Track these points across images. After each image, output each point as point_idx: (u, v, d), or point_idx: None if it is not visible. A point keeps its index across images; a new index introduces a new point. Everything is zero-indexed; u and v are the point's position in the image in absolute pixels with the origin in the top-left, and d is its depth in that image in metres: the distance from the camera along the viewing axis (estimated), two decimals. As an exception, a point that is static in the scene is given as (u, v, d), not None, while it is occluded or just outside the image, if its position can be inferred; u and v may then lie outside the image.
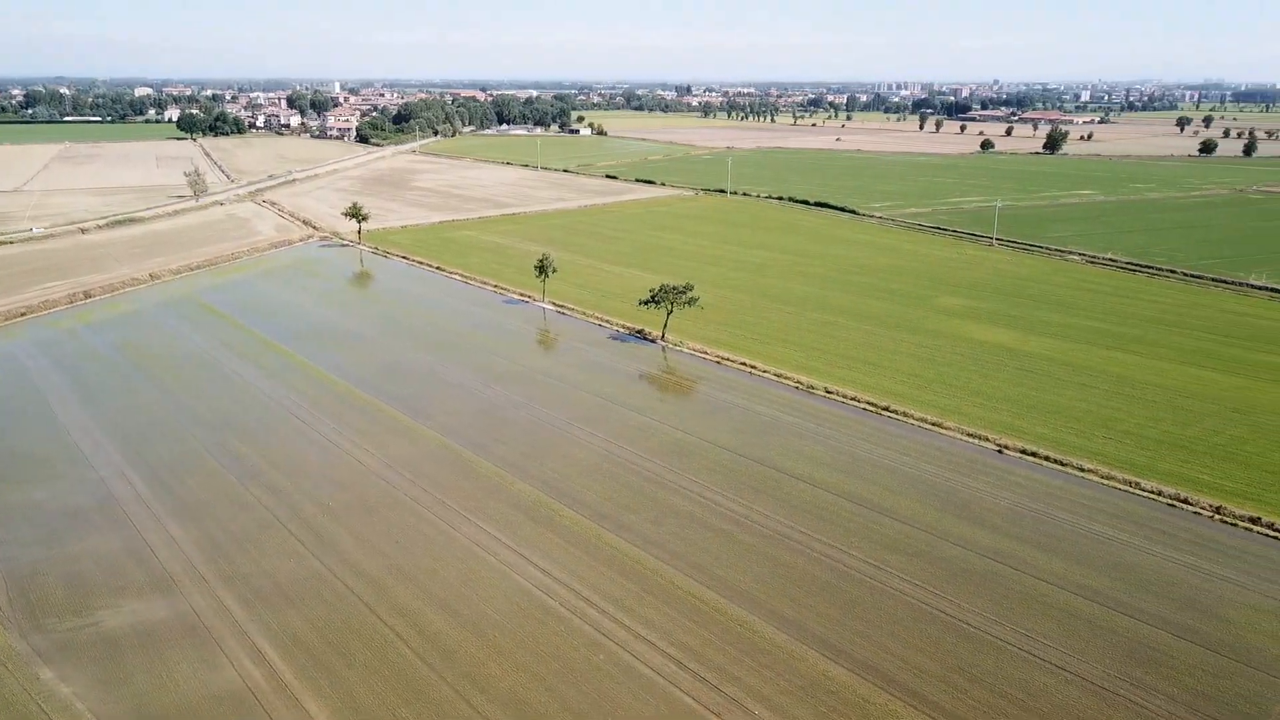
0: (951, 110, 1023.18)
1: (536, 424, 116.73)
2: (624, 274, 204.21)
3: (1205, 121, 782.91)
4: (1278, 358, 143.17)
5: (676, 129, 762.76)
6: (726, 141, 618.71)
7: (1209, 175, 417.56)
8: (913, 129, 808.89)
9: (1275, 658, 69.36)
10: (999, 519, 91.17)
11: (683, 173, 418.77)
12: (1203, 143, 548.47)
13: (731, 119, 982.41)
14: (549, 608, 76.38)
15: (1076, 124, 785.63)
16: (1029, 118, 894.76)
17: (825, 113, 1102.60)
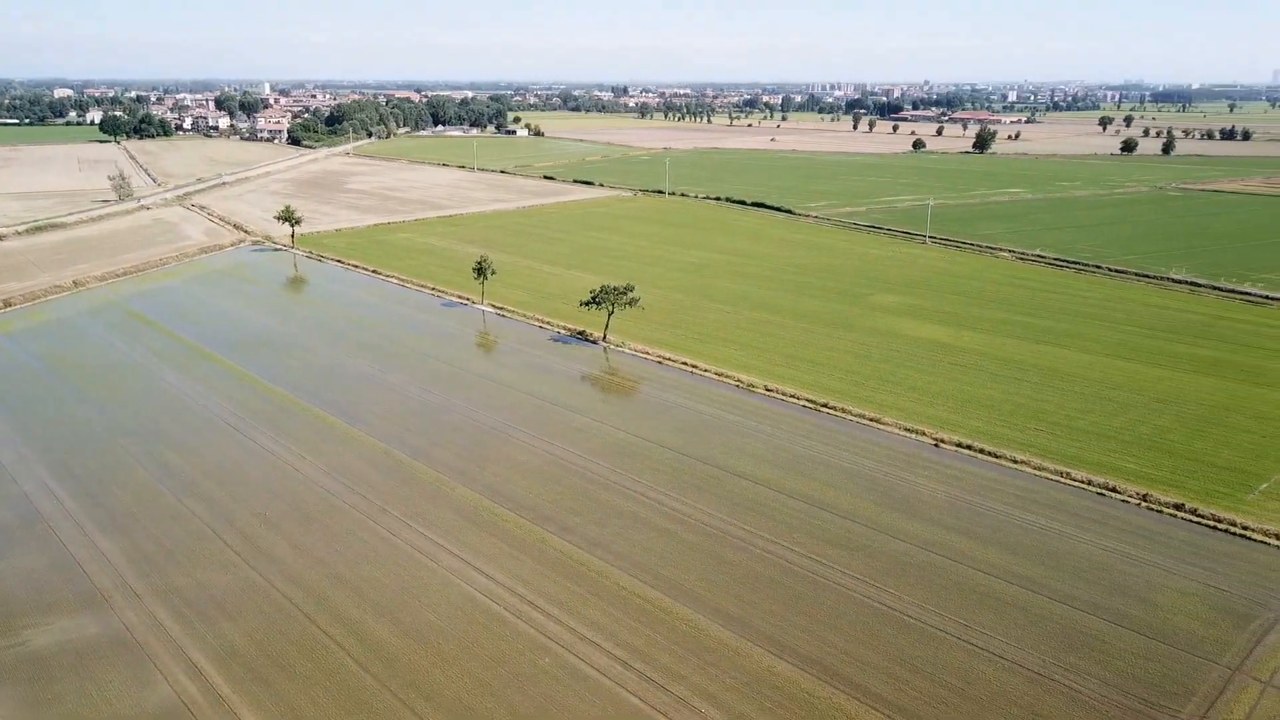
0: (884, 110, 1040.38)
1: (478, 427, 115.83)
2: (564, 275, 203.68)
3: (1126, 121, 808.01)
4: (1198, 349, 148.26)
5: (614, 130, 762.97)
6: (664, 142, 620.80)
7: (1130, 173, 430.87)
8: (846, 129, 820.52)
9: (1200, 639, 71.79)
10: (936, 511, 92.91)
11: (621, 173, 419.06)
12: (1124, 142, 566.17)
13: (668, 120, 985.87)
14: (493, 612, 75.84)
15: (1004, 124, 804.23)
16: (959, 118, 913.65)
17: (761, 113, 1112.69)
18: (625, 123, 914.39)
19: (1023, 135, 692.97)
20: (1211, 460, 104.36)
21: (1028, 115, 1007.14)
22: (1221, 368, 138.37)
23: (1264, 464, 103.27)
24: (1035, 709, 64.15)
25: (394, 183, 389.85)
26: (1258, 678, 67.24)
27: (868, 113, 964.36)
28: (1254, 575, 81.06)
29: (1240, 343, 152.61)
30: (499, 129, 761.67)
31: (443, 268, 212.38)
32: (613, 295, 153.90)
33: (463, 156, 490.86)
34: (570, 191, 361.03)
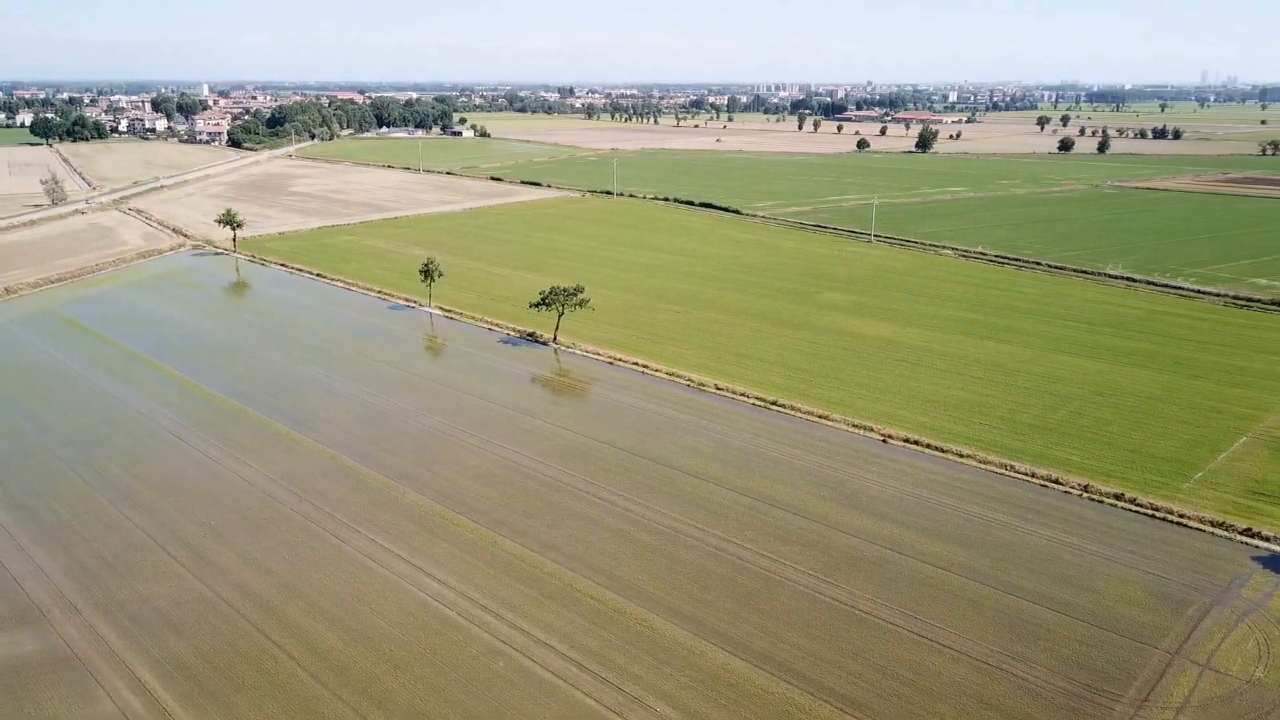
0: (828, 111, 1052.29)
1: (427, 432, 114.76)
2: (513, 277, 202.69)
3: (1063, 121, 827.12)
4: (1135, 343, 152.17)
5: (561, 130, 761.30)
6: (611, 143, 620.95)
7: (1068, 171, 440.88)
8: (792, 129, 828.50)
9: (1141, 625, 73.68)
10: (885, 506, 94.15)
11: (568, 174, 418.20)
12: (1061, 141, 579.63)
13: (615, 120, 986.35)
14: (446, 618, 75.20)
15: (946, 123, 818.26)
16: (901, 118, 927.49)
17: (707, 114, 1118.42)
18: (572, 123, 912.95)
19: (963, 135, 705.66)
20: (1149, 451, 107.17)
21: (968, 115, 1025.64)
22: (1157, 360, 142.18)
23: (1198, 453, 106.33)
24: (983, 698, 65.32)
25: (338, 185, 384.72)
26: (1196, 661, 69.19)
27: (812, 113, 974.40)
28: (1190, 562, 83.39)
29: (1174, 336, 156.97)
30: (444, 130, 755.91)
31: (389, 270, 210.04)
32: (562, 296, 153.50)
33: (408, 158, 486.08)
34: (518, 193, 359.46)
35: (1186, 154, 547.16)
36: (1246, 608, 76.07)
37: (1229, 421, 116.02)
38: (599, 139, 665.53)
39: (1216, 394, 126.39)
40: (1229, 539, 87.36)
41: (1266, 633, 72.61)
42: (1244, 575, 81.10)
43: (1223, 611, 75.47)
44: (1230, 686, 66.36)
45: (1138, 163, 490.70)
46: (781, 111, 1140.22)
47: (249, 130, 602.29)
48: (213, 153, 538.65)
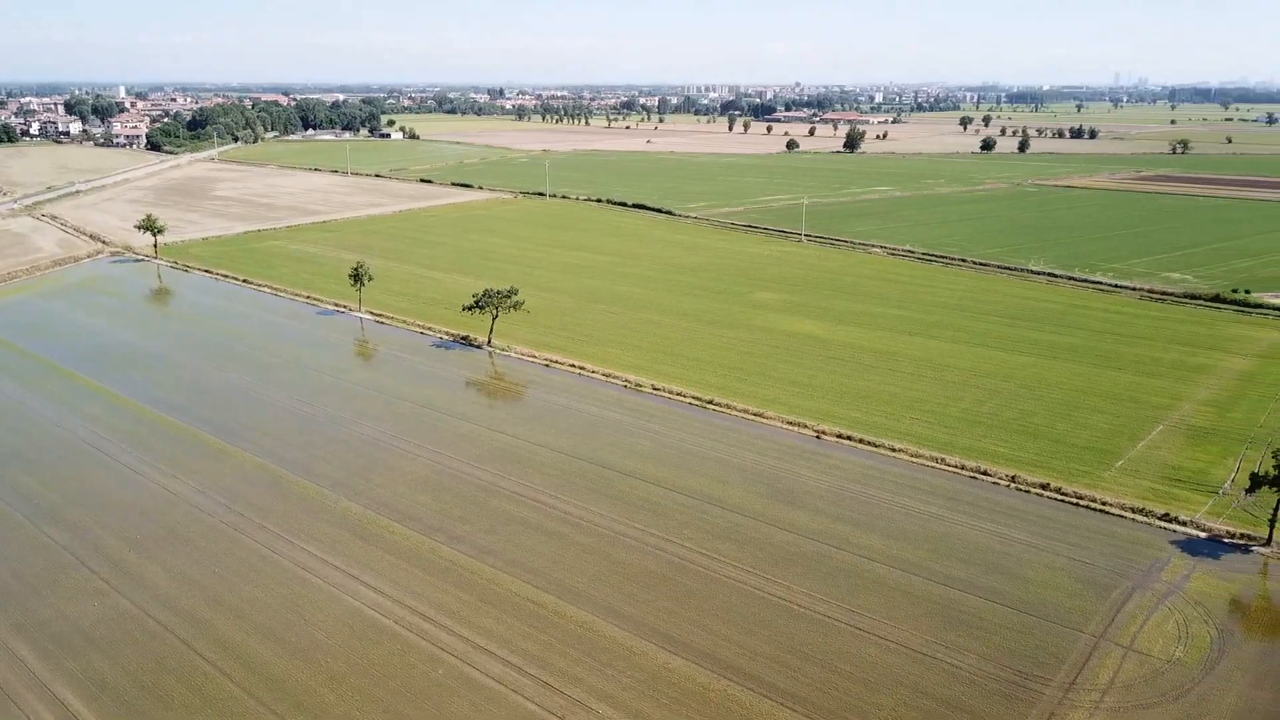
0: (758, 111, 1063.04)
1: (360, 439, 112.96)
2: (445, 279, 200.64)
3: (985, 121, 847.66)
4: (1057, 336, 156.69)
5: (492, 132, 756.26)
6: (543, 144, 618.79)
7: (990, 171, 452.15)
8: (722, 130, 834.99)
9: (1068, 610, 75.86)
10: (821, 501, 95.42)
11: (500, 176, 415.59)
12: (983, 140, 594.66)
13: (546, 122, 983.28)
14: (383, 626, 74.09)
15: (872, 124, 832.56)
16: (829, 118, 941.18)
17: (638, 115, 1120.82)
18: (503, 125, 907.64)
19: (890, 135, 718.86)
20: (1073, 441, 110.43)
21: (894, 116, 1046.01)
22: (1078, 353, 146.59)
23: (1119, 442, 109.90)
24: (919, 687, 66.59)
25: (263, 189, 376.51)
26: (1119, 643, 71.48)
27: (742, 114, 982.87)
28: (1113, 547, 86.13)
29: (1094, 329, 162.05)
30: (373, 132, 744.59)
31: (317, 275, 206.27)
32: (496, 299, 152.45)
33: (335, 161, 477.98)
34: (449, 195, 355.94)
35: (1102, 153, 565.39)
36: (1166, 590, 78.84)
37: (1146, 411, 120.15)
38: (530, 140, 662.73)
39: (1134, 385, 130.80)
40: (1148, 524, 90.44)
41: (1185, 614, 75.36)
42: (1163, 559, 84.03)
43: (1144, 595, 78.11)
44: (1152, 667, 68.70)
45: (1056, 161, 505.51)
46: (712, 112, 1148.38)
47: (169, 133, 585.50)
48: (131, 156, 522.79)
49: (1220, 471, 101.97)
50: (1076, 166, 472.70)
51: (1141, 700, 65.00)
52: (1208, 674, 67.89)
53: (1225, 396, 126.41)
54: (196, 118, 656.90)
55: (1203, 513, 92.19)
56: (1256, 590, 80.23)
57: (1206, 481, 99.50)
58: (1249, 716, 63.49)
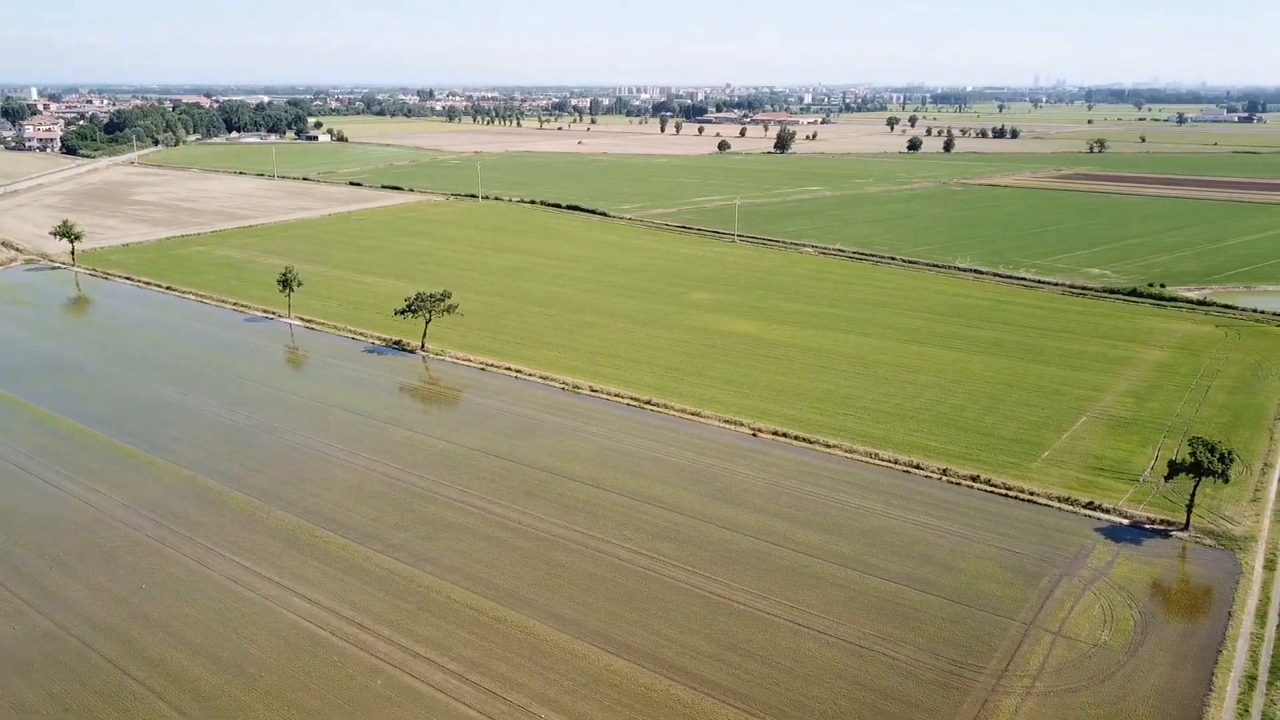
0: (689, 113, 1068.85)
1: (292, 448, 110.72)
2: (377, 284, 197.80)
3: (911, 121, 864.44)
4: (984, 331, 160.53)
5: (422, 134, 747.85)
6: (474, 146, 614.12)
7: (917, 170, 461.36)
8: (654, 131, 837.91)
9: (999, 599, 77.74)
10: (758, 499, 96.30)
11: (432, 178, 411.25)
12: (910, 140, 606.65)
13: (478, 123, 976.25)
14: (319, 638, 72.72)
15: (802, 124, 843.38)
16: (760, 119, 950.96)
17: (570, 116, 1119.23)
18: (433, 126, 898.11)
19: (819, 135, 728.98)
20: (1000, 433, 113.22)
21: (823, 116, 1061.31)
22: (1004, 347, 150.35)
23: (1044, 434, 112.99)
24: (858, 679, 67.61)
25: (186, 193, 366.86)
26: (1049, 630, 73.49)
27: (674, 115, 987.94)
28: (1041, 536, 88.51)
29: (1018, 324, 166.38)
30: (299, 135, 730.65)
31: (244, 281, 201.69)
32: (429, 302, 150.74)
33: (261, 164, 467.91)
34: (379, 197, 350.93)
35: (1024, 152, 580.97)
36: (1091, 576, 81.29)
37: (1070, 402, 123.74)
38: (461, 142, 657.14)
39: (1058, 377, 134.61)
40: (1074, 513, 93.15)
41: (1110, 599, 77.79)
42: (1088, 546, 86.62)
43: (1071, 581, 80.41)
44: (1080, 651, 70.77)
45: (980, 161, 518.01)
46: (644, 114, 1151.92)
47: (85, 136, 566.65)
48: (45, 160, 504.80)
49: (1140, 460, 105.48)
50: (1000, 165, 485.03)
51: (1070, 684, 66.91)
52: (1132, 656, 70.18)
53: (1144, 387, 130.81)
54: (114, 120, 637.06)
55: (1125, 500, 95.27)
56: (1176, 573, 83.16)
57: (1128, 470, 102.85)
58: (1171, 696, 65.79)
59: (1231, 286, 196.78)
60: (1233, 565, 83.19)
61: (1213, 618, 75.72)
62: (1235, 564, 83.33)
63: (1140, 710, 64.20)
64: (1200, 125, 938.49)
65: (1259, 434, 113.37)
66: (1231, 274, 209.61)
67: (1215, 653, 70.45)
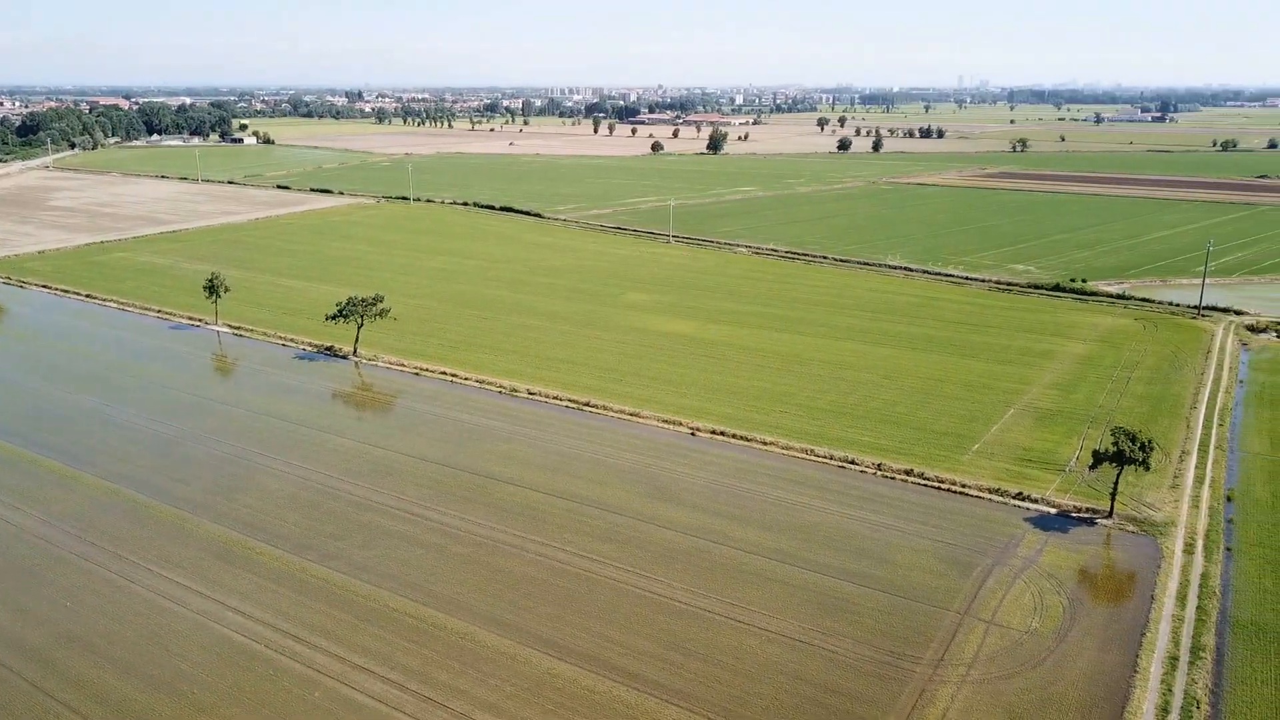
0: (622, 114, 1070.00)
1: (221, 458, 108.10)
2: (307, 289, 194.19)
3: (840, 122, 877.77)
4: (915, 328, 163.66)
5: (351, 136, 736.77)
6: (405, 147, 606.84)
7: (847, 170, 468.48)
8: (587, 132, 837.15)
9: (934, 589, 79.32)
10: (697, 497, 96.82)
11: (362, 180, 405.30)
12: (840, 141, 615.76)
13: (408, 125, 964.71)
14: (254, 652, 71.11)
15: (734, 125, 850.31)
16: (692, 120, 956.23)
17: (502, 117, 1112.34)
18: (363, 128, 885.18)
19: (751, 136, 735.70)
20: (932, 427, 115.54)
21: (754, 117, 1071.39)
22: (935, 343, 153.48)
23: (974, 427, 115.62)
24: (799, 674, 68.40)
25: (106, 198, 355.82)
26: (982, 618, 75.23)
27: (607, 116, 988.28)
28: (973, 528, 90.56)
29: (948, 320, 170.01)
30: (224, 137, 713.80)
31: (169, 288, 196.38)
32: (361, 307, 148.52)
33: (185, 167, 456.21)
34: (308, 201, 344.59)
35: (950, 151, 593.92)
36: (1022, 565, 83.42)
37: (998, 396, 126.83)
38: (392, 143, 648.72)
39: (987, 372, 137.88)
40: (1004, 503, 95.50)
41: (1039, 586, 79.92)
42: (1018, 536, 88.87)
43: (1002, 571, 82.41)
44: (1012, 638, 72.57)
45: (908, 160, 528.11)
46: (576, 115, 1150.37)
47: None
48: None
49: (1066, 450, 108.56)
50: (927, 165, 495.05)
51: (1003, 671, 68.57)
52: (1061, 641, 72.19)
53: (1068, 379, 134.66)
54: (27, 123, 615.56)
55: (1052, 490, 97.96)
56: (1101, 560, 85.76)
57: (1054, 460, 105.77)
58: (1098, 678, 67.83)
59: (1148, 280, 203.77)
60: (1154, 550, 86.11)
61: (1136, 601, 78.28)
62: (1157, 549, 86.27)
63: (1069, 694, 66.08)
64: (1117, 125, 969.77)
65: (1176, 422, 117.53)
66: (1148, 268, 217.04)
67: (1139, 635, 72.84)
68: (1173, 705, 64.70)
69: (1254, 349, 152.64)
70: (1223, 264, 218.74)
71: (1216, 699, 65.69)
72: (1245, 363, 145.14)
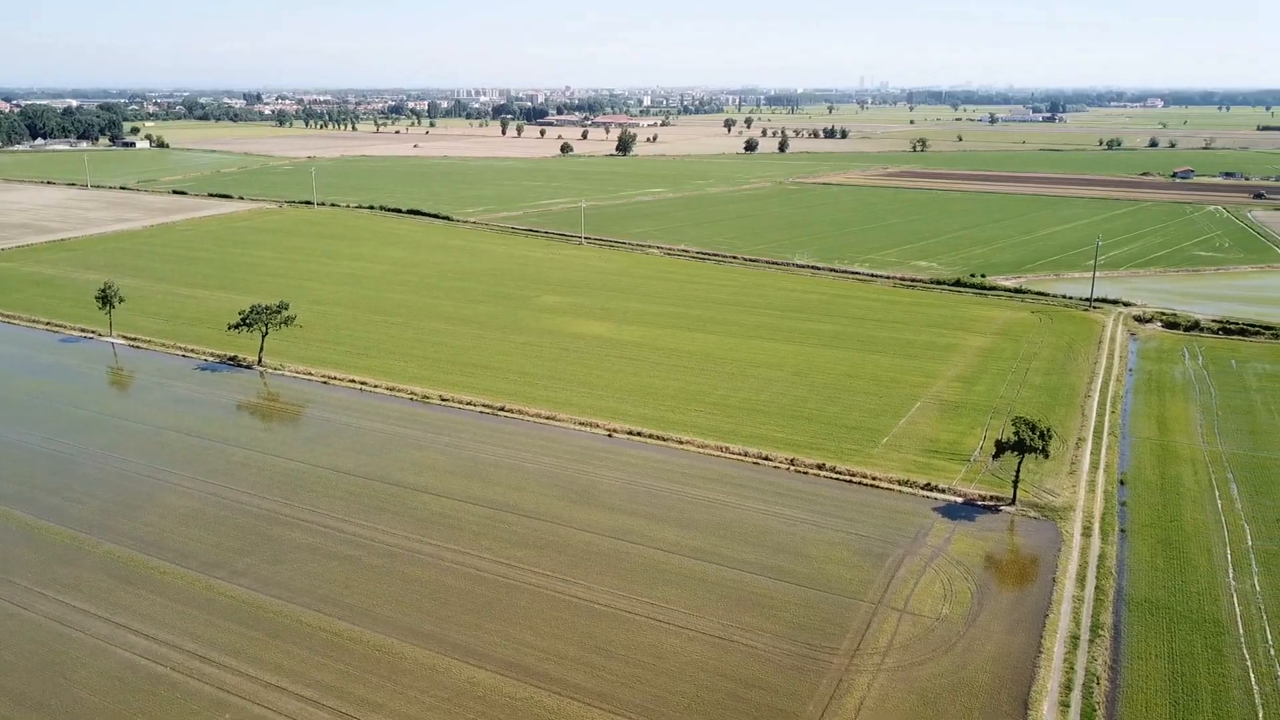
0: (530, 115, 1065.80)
1: (120, 475, 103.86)
2: (208, 297, 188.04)
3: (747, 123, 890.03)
4: (823, 325, 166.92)
5: (250, 139, 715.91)
6: (308, 151, 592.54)
7: (754, 170, 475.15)
8: (495, 134, 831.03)
9: (848, 581, 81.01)
10: (615, 499, 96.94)
11: (263, 185, 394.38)
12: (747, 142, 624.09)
13: (311, 128, 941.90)
14: (158, 675, 68.48)
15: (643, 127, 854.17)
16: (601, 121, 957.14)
17: (408, 119, 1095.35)
18: (263, 131, 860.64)
19: (660, 138, 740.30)
20: (843, 422, 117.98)
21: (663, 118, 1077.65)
22: (843, 340, 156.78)
23: (883, 420, 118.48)
24: (719, 670, 69.06)
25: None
26: (895, 607, 77.13)
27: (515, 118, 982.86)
28: (885, 519, 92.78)
29: (855, 316, 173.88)
30: (114, 141, 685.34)
31: (60, 299, 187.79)
32: (265, 315, 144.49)
33: (73, 173, 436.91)
34: (206, 206, 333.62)
35: (853, 151, 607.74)
36: (931, 554, 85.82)
37: (905, 390, 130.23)
38: (294, 147, 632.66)
39: (894, 366, 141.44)
40: (913, 494, 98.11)
41: (949, 574, 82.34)
42: (927, 525, 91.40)
43: (914, 560, 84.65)
44: (924, 625, 74.59)
45: (813, 160, 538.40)
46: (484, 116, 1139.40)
47: None
48: None
49: (970, 441, 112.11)
50: (832, 165, 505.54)
51: (916, 658, 70.42)
52: (970, 626, 74.51)
53: (970, 372, 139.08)
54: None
55: (958, 480, 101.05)
56: (1006, 546, 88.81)
57: (959, 451, 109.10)
58: (1006, 660, 70.20)
59: (1043, 274, 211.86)
60: (1055, 534, 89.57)
61: (1039, 584, 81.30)
62: (1057, 533, 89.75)
63: (979, 676, 68.25)
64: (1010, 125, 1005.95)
65: (1072, 411, 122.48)
66: (1042, 263, 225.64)
67: (1043, 617, 75.66)
68: (1075, 683, 67.37)
69: (1141, 338, 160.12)
70: (1111, 258, 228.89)
71: (1115, 674, 68.67)
72: (1134, 352, 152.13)
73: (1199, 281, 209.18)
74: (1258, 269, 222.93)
